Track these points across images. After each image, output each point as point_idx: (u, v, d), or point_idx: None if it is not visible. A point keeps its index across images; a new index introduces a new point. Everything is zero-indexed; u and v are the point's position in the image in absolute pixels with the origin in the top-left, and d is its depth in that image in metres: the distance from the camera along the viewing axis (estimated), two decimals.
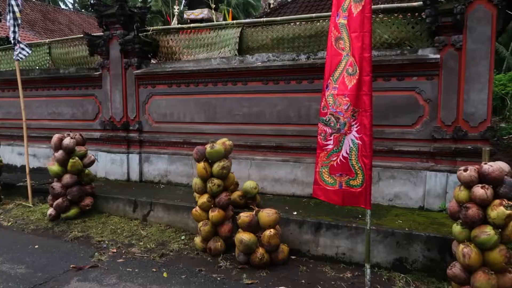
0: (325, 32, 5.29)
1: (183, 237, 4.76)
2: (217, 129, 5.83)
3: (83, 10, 31.59)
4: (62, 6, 31.87)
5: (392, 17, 4.87)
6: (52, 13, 23.04)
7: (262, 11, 17.32)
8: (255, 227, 4.04)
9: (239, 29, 5.89)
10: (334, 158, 3.49)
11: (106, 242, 4.66)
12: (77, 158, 5.36)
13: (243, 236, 3.94)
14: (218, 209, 4.29)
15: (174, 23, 13.39)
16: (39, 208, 5.87)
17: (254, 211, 4.12)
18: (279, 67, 5.31)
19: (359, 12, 3.39)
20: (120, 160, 6.62)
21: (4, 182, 6.50)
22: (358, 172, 3.41)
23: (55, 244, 4.66)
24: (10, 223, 5.39)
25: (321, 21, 5.33)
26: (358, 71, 3.38)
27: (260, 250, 3.94)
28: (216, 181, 4.29)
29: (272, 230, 3.96)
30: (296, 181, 5.34)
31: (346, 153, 3.44)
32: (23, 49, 6.06)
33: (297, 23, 5.56)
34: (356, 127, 3.43)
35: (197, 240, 4.43)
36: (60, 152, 5.34)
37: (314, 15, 5.47)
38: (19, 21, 5.96)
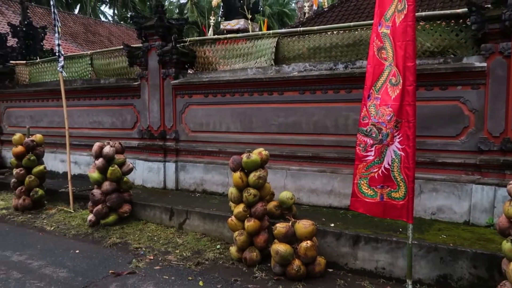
0: (364, 41, 5.21)
1: (218, 246, 4.75)
2: (252, 139, 5.82)
3: (122, 22, 32.80)
4: (103, 19, 33.26)
5: (435, 25, 4.72)
6: (93, 25, 24.10)
7: (298, 20, 17.33)
8: (291, 238, 3.97)
9: (276, 39, 5.89)
10: (375, 170, 3.41)
11: (143, 249, 4.72)
12: (116, 166, 5.49)
13: (279, 247, 3.88)
14: (254, 219, 4.26)
15: (210, 34, 13.63)
16: (80, 214, 6.05)
17: (291, 222, 4.06)
18: (316, 76, 5.26)
19: (402, 21, 3.32)
20: (157, 168, 6.73)
21: (47, 188, 6.76)
22: (401, 184, 3.31)
23: (94, 249, 4.77)
24: (52, 228, 5.57)
25: (359, 29, 5.24)
26: (401, 81, 3.31)
27: (297, 262, 3.87)
28: (252, 191, 4.26)
29: (309, 241, 3.88)
30: (333, 192, 5.24)
31: (388, 164, 3.36)
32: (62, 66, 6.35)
33: (335, 32, 5.51)
34: (399, 138, 3.35)
35: (233, 249, 4.41)
36: (101, 160, 5.49)
37: (352, 24, 5.39)
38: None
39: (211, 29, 14.48)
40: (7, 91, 9.11)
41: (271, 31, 6.12)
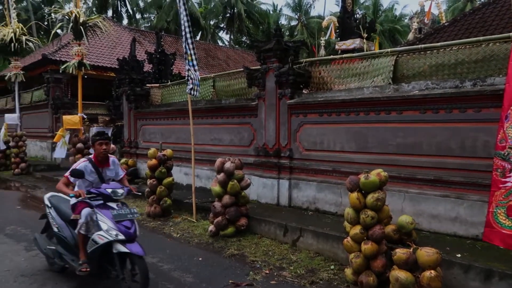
0: (495, 56, 4.80)
1: (332, 267, 4.73)
2: (367, 159, 5.71)
3: (237, 46, 34.97)
4: (220, 44, 35.92)
5: None
6: (212, 50, 26.19)
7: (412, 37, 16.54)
8: (412, 265, 3.77)
9: (394, 57, 5.74)
10: None
11: (259, 262, 4.92)
12: (235, 181, 5.85)
13: (400, 274, 3.72)
14: (371, 242, 4.15)
15: (321, 54, 13.78)
16: (201, 224, 6.55)
17: (412, 248, 3.86)
18: (440, 95, 4.97)
19: None
20: (271, 185, 6.98)
21: (174, 198, 7.47)
22: None
23: (215, 258, 5.12)
24: (178, 235, 6.14)
25: (490, 44, 4.85)
26: None
27: None
28: (370, 212, 4.18)
29: (432, 271, 3.64)
30: (458, 220, 4.84)
31: None
32: (196, 90, 6.96)
33: (461, 47, 5.17)
34: None
35: (348, 271, 4.35)
36: (222, 174, 5.91)
37: (482, 38, 5.01)
38: (194, 62, 6.94)
39: (322, 49, 14.63)
40: (143, 110, 10.40)
41: (389, 49, 5.99)
